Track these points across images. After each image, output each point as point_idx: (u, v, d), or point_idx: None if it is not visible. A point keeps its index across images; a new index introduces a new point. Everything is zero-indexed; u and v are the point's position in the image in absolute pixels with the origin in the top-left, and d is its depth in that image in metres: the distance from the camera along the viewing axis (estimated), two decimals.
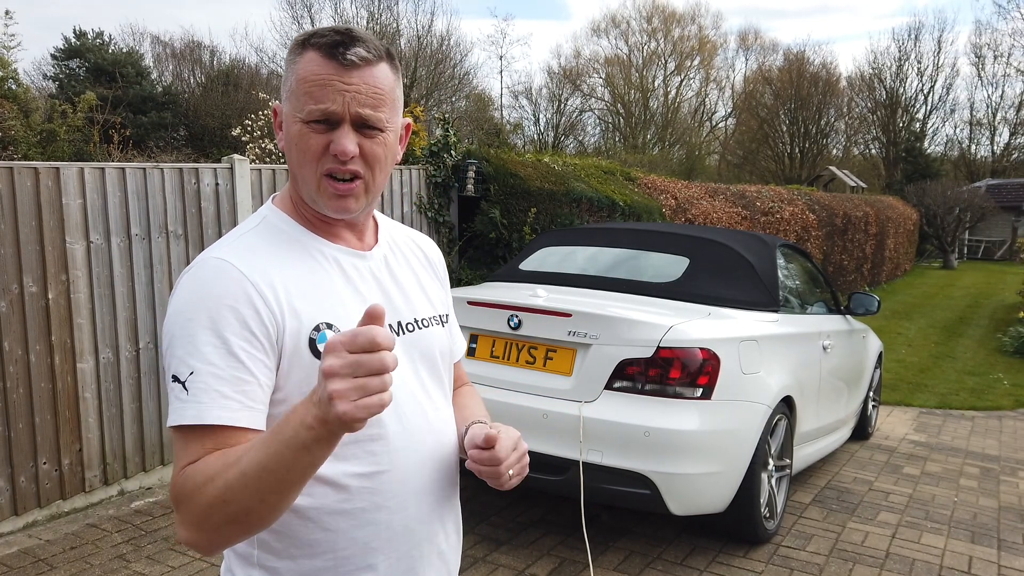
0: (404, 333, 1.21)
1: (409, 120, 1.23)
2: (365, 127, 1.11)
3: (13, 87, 7.83)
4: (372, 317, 0.89)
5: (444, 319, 1.32)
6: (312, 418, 0.90)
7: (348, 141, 1.09)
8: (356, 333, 0.87)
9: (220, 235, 4.53)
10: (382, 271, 1.22)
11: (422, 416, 1.20)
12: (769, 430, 3.66)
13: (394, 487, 1.15)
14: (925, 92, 34.55)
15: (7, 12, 7.50)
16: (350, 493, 1.11)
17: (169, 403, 1.04)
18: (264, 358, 1.05)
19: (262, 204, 5.22)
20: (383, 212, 3.83)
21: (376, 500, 1.13)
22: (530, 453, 3.64)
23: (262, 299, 1.06)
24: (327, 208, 1.14)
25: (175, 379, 1.03)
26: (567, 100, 37.01)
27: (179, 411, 1.02)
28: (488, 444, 1.15)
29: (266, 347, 1.05)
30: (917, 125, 34.37)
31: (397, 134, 1.18)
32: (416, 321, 1.23)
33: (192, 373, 1.01)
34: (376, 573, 1.15)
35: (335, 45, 1.08)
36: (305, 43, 1.11)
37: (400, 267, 1.27)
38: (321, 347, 1.08)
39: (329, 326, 1.10)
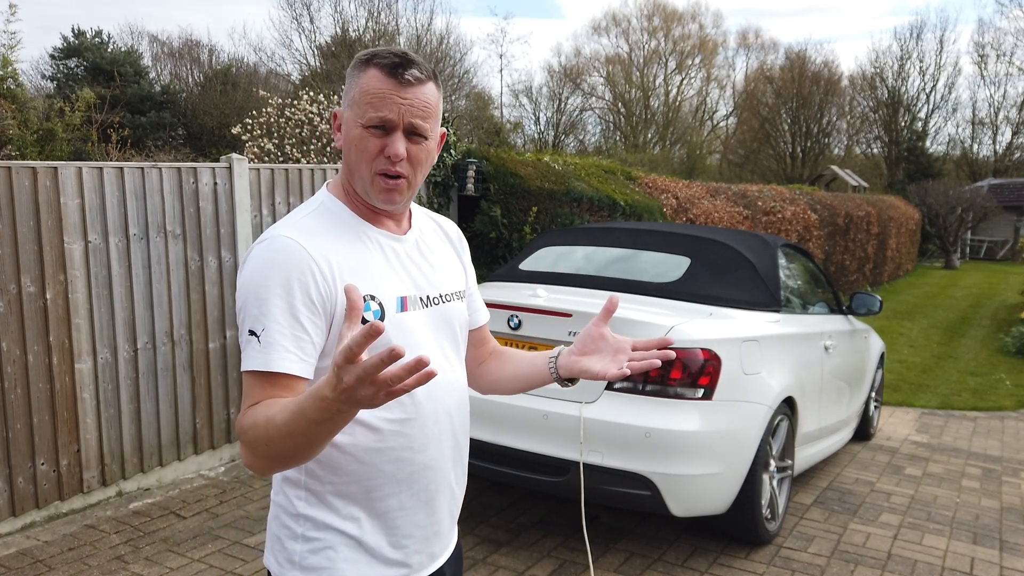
0: (431, 306, 1.44)
1: (444, 130, 1.44)
2: (414, 134, 1.33)
3: (12, 86, 7.78)
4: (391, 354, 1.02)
5: (462, 294, 1.56)
6: (326, 400, 1.13)
7: (400, 145, 1.31)
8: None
9: (219, 235, 4.52)
10: (414, 252, 1.45)
11: (443, 375, 1.43)
12: (770, 431, 3.65)
13: (418, 431, 1.37)
14: (927, 91, 34.46)
15: (11, 6, 7.36)
16: (383, 434, 1.34)
17: (244, 351, 1.27)
18: (319, 321, 1.27)
19: (260, 204, 5.21)
20: None
21: (403, 441, 1.36)
22: (530, 454, 3.63)
23: (320, 272, 1.28)
24: (377, 200, 1.37)
25: (251, 333, 1.25)
26: (567, 99, 36.98)
27: (252, 359, 1.24)
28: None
29: (321, 312, 1.27)
30: (919, 124, 34.25)
31: (436, 141, 1.40)
32: (441, 296, 1.47)
33: (264, 329, 1.24)
34: (400, 499, 1.38)
35: (395, 66, 1.31)
36: (368, 61, 1.33)
37: (428, 249, 1.49)
38: (366, 315, 1.29)
39: (372, 297, 1.32)
